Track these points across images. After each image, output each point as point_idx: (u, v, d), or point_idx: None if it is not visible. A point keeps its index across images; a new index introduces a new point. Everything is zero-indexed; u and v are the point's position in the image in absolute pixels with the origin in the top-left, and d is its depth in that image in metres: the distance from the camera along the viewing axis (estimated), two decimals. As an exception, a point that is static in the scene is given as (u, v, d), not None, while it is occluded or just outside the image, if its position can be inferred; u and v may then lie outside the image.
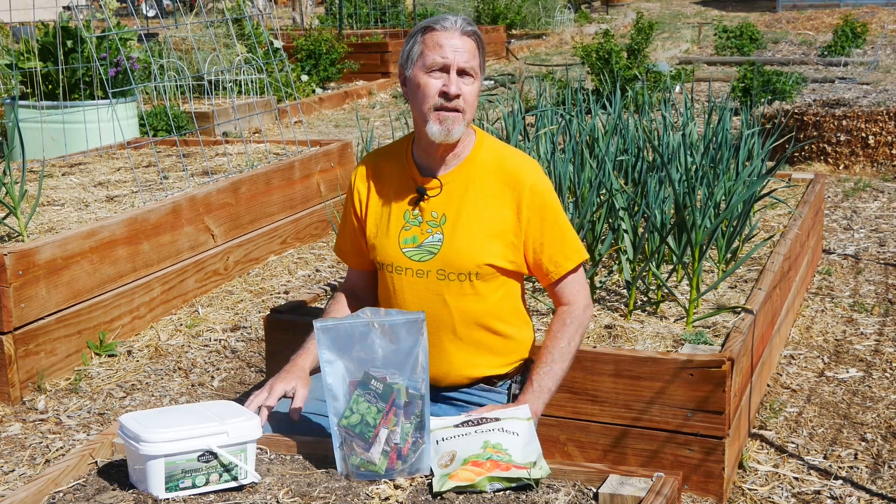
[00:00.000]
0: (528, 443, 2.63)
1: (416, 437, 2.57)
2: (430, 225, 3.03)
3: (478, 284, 3.01)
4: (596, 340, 3.82)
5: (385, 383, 2.56)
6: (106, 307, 5.03)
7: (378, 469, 2.54)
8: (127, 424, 2.48)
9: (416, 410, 2.57)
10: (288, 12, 23.09)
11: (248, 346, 5.16)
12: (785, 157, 4.89)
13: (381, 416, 2.56)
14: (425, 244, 3.03)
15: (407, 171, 3.09)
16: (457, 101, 2.92)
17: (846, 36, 16.00)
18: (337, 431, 2.56)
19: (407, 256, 3.03)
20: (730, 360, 3.43)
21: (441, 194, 3.04)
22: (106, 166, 6.81)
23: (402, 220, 3.06)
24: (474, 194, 3.02)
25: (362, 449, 2.54)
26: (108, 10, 8.80)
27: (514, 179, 3.03)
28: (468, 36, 2.95)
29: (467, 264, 2.99)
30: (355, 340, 2.60)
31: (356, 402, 2.56)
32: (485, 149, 3.08)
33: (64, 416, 4.42)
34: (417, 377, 2.59)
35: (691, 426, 3.48)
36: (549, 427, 3.60)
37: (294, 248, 6.67)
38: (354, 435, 2.54)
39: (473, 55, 2.95)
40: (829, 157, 8.76)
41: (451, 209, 3.02)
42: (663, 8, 26.33)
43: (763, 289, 4.20)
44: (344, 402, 2.57)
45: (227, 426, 2.48)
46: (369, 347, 2.60)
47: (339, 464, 2.57)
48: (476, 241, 2.99)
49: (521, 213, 3.01)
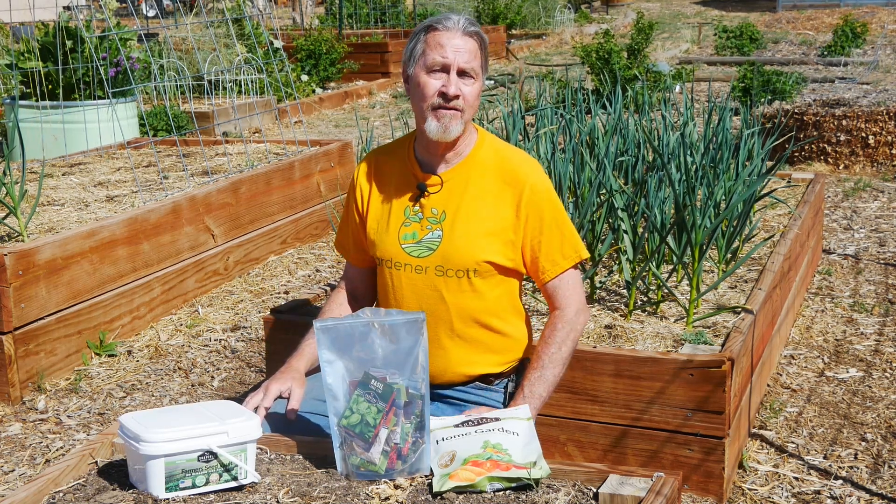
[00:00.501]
0: (528, 443, 2.63)
1: (416, 437, 2.57)
2: (430, 221, 3.04)
3: (476, 281, 3.02)
4: (596, 340, 3.82)
5: (385, 383, 2.56)
6: (106, 307, 5.03)
7: (378, 469, 2.54)
8: (127, 424, 2.48)
9: (416, 410, 2.57)
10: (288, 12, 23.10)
11: (249, 346, 5.16)
12: (785, 156, 4.89)
13: (382, 416, 2.56)
14: (424, 240, 3.04)
15: (408, 168, 3.11)
16: (455, 102, 2.93)
17: (846, 36, 16.00)
18: (337, 431, 2.56)
19: (406, 252, 3.04)
20: (730, 360, 3.44)
21: (441, 191, 3.05)
22: (106, 166, 6.81)
23: (403, 216, 3.08)
24: (474, 192, 3.04)
25: (362, 449, 2.54)
26: (108, 10, 8.81)
27: (513, 178, 3.04)
28: (470, 36, 2.96)
29: (465, 261, 3.00)
30: (355, 340, 2.60)
31: (356, 402, 2.56)
32: (486, 147, 3.09)
33: (64, 416, 4.42)
34: (417, 377, 2.59)
35: (691, 426, 3.48)
36: (549, 427, 3.60)
37: (294, 248, 6.67)
38: (354, 435, 2.54)
39: (475, 55, 2.96)
40: (829, 156, 8.76)
41: (450, 206, 3.03)
42: (663, 8, 26.33)
43: (763, 289, 4.20)
44: (344, 402, 2.57)
45: (227, 426, 2.48)
46: (369, 347, 2.60)
47: (338, 464, 2.57)
48: (475, 238, 3.00)
49: (519, 210, 3.02)
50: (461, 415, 2.82)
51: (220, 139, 7.70)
